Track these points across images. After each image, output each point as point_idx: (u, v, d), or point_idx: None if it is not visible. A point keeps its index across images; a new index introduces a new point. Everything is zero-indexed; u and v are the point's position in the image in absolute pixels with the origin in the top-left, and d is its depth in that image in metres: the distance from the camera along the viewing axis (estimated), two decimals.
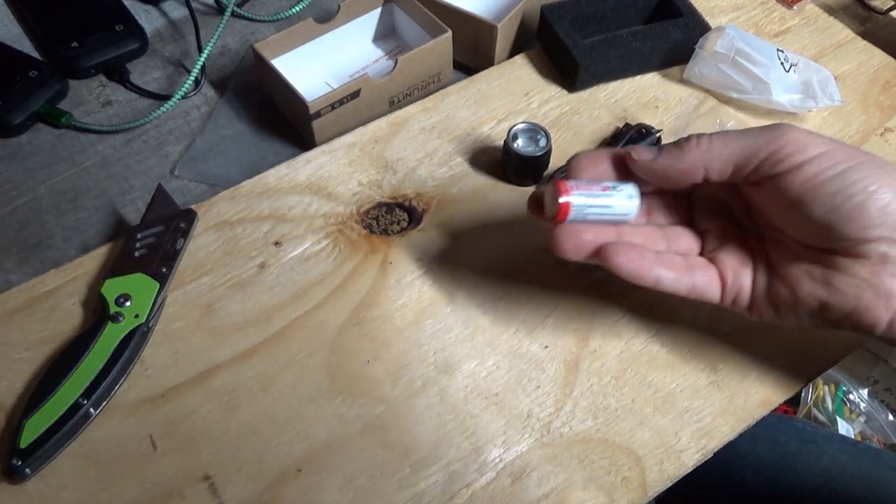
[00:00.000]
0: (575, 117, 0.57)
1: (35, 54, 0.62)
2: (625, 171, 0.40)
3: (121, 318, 0.45)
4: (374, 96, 0.56)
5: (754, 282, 0.40)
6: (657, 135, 0.54)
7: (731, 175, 0.38)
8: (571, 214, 0.38)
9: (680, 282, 0.39)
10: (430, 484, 0.41)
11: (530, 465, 0.42)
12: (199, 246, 0.50)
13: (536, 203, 0.41)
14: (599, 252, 0.38)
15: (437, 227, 0.51)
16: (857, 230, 0.35)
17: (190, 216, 0.49)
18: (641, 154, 0.39)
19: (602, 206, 0.38)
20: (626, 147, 0.39)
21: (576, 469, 0.42)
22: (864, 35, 0.64)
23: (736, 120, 0.57)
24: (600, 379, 0.45)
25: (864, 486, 0.64)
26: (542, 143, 0.52)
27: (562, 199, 0.38)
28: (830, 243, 0.37)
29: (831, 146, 0.36)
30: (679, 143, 0.39)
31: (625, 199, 0.39)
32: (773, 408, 0.45)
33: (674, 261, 0.39)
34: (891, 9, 0.65)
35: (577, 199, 0.38)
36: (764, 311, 0.40)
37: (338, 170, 0.54)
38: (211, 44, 0.60)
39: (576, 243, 0.38)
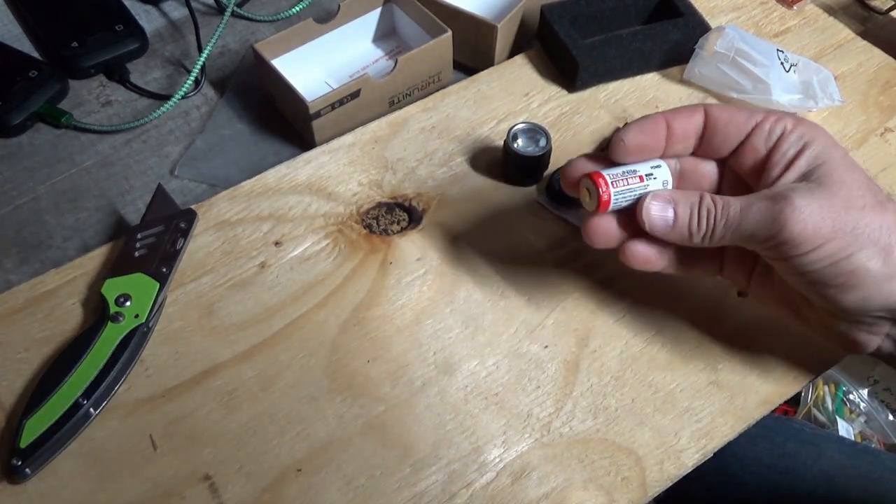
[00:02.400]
0: (575, 117, 0.57)
1: (35, 54, 0.62)
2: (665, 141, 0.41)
3: (121, 318, 0.45)
4: (374, 96, 0.56)
5: (753, 272, 0.42)
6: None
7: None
8: (609, 208, 0.40)
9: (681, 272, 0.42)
10: (430, 484, 0.41)
11: (530, 465, 0.42)
12: (199, 246, 0.50)
13: (573, 183, 0.42)
14: (621, 249, 0.41)
15: (437, 227, 0.51)
16: (855, 302, 0.37)
17: (190, 216, 0.49)
18: (655, 223, 0.39)
19: (638, 195, 0.40)
20: (641, 203, 0.39)
21: (576, 469, 0.42)
22: (864, 35, 0.64)
23: None
24: (600, 379, 0.45)
25: (862, 487, 0.64)
26: (542, 143, 0.52)
27: (602, 196, 0.39)
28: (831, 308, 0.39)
29: (836, 232, 0.36)
30: (694, 211, 0.39)
31: (659, 187, 0.40)
32: (773, 408, 0.45)
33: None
34: (891, 9, 0.65)
35: (616, 195, 0.39)
36: (753, 292, 0.43)
37: (338, 170, 0.54)
38: (211, 44, 0.60)
39: (606, 238, 0.41)
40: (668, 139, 0.40)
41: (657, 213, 0.39)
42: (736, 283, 0.44)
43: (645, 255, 0.40)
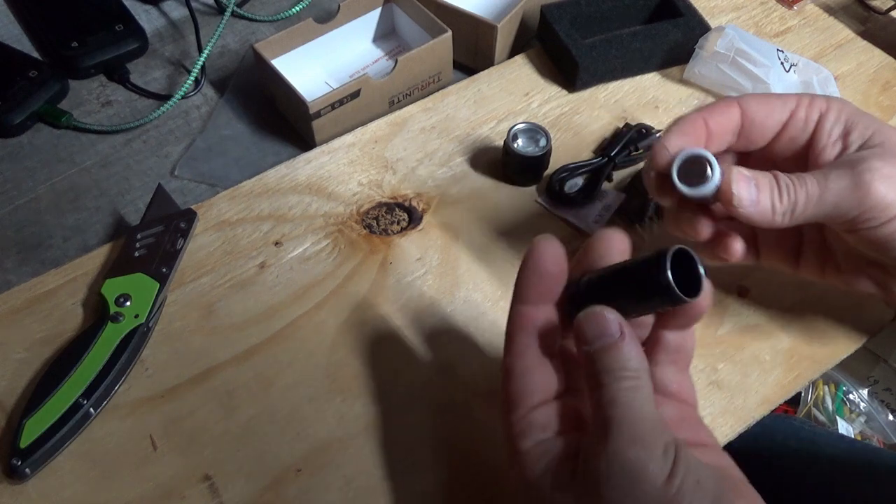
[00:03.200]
0: (575, 117, 0.57)
1: (35, 54, 0.62)
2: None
3: (121, 318, 0.45)
4: (374, 96, 0.56)
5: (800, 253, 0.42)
6: (657, 135, 0.54)
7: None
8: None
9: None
10: (429, 484, 0.41)
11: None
12: (199, 246, 0.50)
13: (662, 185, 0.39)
14: (721, 245, 0.40)
15: (437, 227, 0.51)
16: None
17: (190, 216, 0.49)
18: (743, 199, 0.36)
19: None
20: (727, 181, 0.36)
21: None
22: (864, 35, 0.64)
23: None
24: None
25: (862, 485, 0.64)
26: (542, 143, 0.52)
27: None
28: None
29: None
30: (776, 184, 0.37)
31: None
32: (773, 408, 0.45)
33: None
34: (891, 9, 0.65)
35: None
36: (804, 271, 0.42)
37: (338, 170, 0.54)
38: (211, 44, 0.60)
39: (704, 230, 0.40)
40: (707, 138, 0.39)
41: (745, 190, 0.36)
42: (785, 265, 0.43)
43: (739, 248, 0.39)
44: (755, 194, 0.36)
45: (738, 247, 0.40)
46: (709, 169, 0.36)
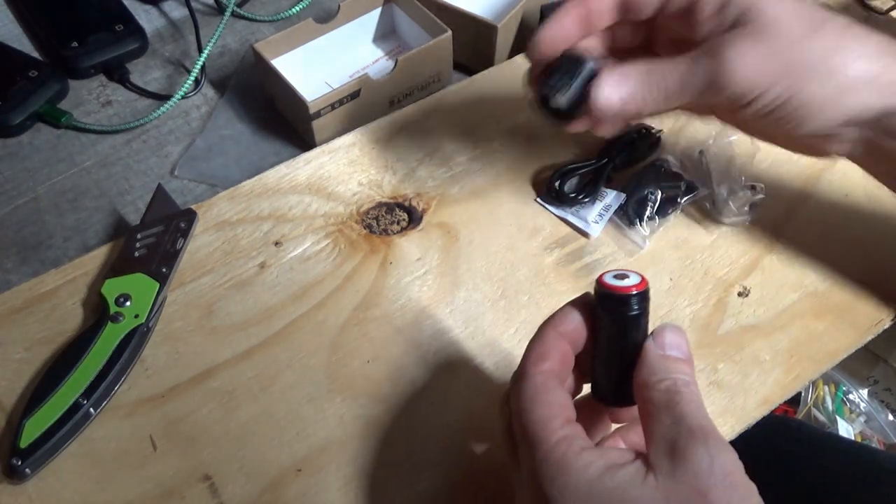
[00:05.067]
0: None
1: (35, 54, 0.62)
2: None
3: (121, 318, 0.45)
4: (374, 96, 0.56)
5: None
6: (657, 135, 0.54)
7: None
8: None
9: None
10: (430, 484, 0.41)
11: None
12: (199, 246, 0.50)
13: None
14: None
15: (437, 227, 0.51)
16: (815, 128, 0.38)
17: (190, 216, 0.49)
18: (604, 107, 0.39)
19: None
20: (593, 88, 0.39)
21: None
22: None
23: None
24: None
25: (861, 486, 0.64)
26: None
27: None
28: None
29: (778, 73, 0.36)
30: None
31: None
32: (773, 408, 0.45)
33: None
34: (891, 9, 0.65)
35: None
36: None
37: (338, 170, 0.54)
38: (211, 44, 0.60)
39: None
40: (587, 19, 0.40)
41: (606, 98, 0.38)
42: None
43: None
44: (623, 91, 0.38)
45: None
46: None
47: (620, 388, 0.33)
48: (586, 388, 0.36)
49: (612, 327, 0.33)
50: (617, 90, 0.38)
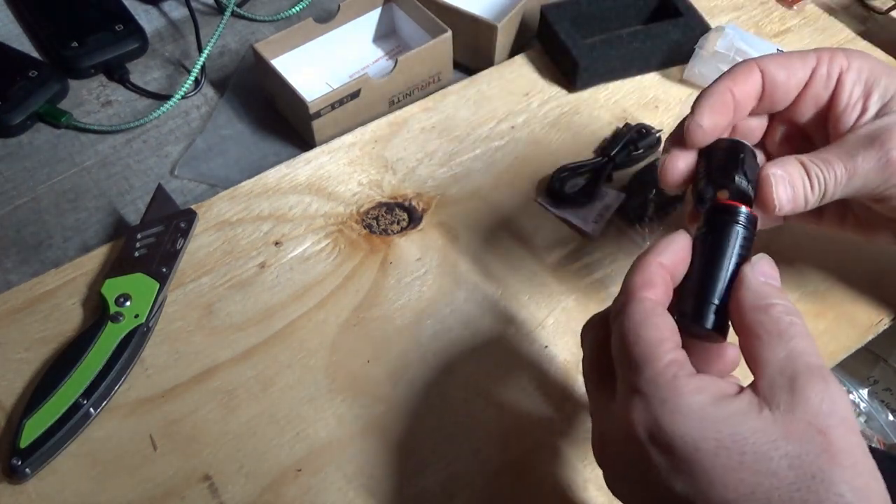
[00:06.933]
0: (575, 117, 0.57)
1: (35, 54, 0.62)
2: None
3: (121, 318, 0.45)
4: (374, 96, 0.56)
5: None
6: (657, 135, 0.54)
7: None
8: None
9: None
10: (430, 484, 0.41)
11: (531, 464, 0.42)
12: (199, 246, 0.50)
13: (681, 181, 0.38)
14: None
15: (437, 227, 0.51)
16: None
17: (190, 216, 0.49)
18: (784, 204, 0.36)
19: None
20: (766, 186, 0.36)
21: (577, 469, 0.42)
22: (864, 35, 0.64)
23: None
24: None
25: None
26: None
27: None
28: None
29: None
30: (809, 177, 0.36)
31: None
32: None
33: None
34: (891, 9, 0.65)
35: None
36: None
37: (338, 170, 0.54)
38: (211, 44, 0.60)
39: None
40: (734, 109, 0.38)
41: (784, 194, 0.36)
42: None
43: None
44: (790, 193, 0.36)
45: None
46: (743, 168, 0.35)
47: (718, 312, 0.32)
48: None
49: (717, 244, 0.32)
50: (785, 193, 0.36)
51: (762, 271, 0.32)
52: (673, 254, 0.33)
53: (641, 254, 0.33)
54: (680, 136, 0.37)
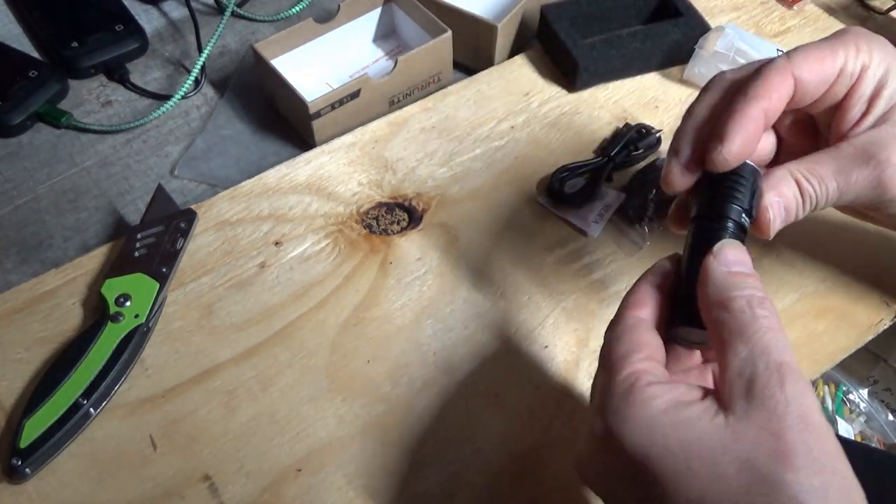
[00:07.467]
0: (575, 117, 0.57)
1: (35, 54, 0.62)
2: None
3: (121, 318, 0.45)
4: (374, 96, 0.56)
5: None
6: (657, 135, 0.54)
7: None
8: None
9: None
10: (430, 484, 0.41)
11: (531, 465, 0.42)
12: (199, 246, 0.50)
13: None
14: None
15: (437, 227, 0.51)
16: None
17: (190, 216, 0.49)
18: (777, 226, 0.36)
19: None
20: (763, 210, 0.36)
21: None
22: None
23: None
24: None
25: (862, 486, 0.64)
26: None
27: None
28: None
29: None
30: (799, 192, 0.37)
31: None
32: None
33: None
34: (891, 9, 0.65)
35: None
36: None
37: (338, 170, 0.54)
38: (211, 44, 0.60)
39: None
40: (766, 122, 0.36)
41: (780, 219, 0.36)
42: None
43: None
44: (784, 216, 0.36)
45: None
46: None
47: (689, 307, 0.31)
48: None
49: (696, 247, 0.33)
50: (781, 218, 0.36)
51: (726, 259, 0.31)
52: (663, 275, 0.34)
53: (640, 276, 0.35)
54: (690, 139, 0.36)
